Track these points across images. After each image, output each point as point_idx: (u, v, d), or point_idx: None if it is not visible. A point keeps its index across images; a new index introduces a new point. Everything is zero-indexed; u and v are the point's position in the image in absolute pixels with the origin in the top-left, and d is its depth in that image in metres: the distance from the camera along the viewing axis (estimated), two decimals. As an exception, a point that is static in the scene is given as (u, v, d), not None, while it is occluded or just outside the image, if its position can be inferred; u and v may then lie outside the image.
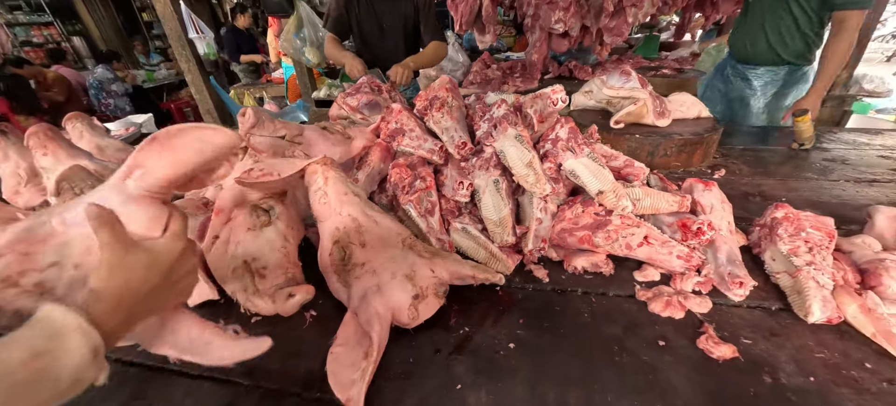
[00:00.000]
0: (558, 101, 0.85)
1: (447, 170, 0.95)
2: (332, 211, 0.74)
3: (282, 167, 0.76)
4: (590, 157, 0.83)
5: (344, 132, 1.01)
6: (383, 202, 0.97)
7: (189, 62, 2.01)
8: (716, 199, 0.85)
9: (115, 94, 5.56)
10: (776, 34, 1.79)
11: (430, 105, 1.03)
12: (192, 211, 0.90)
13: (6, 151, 1.20)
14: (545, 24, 2.69)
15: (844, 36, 1.58)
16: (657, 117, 1.38)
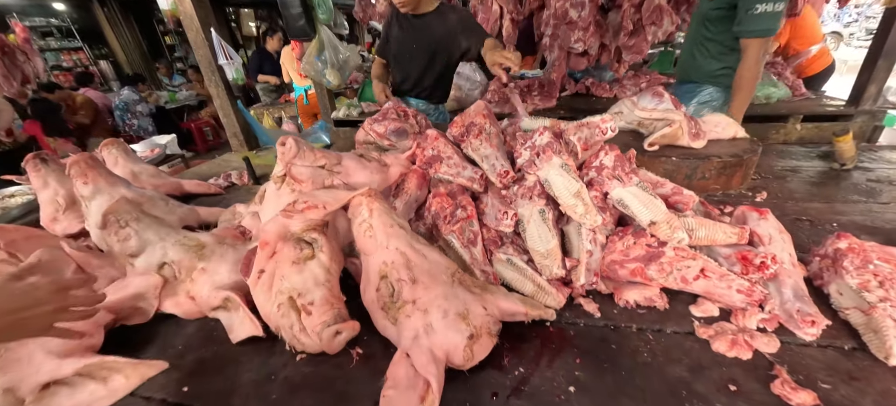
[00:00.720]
0: (607, 130, 0.83)
1: (487, 198, 0.93)
2: (379, 245, 0.72)
3: (326, 200, 0.75)
4: (639, 186, 0.80)
5: (380, 159, 1.00)
6: (421, 230, 0.96)
7: (218, 87, 2.06)
8: (773, 228, 0.81)
9: (140, 115, 5.75)
10: (693, 56, 1.87)
11: (467, 131, 1.02)
12: (231, 241, 0.90)
13: (46, 179, 1.23)
14: (564, 43, 2.70)
15: (747, 62, 1.62)
16: (692, 139, 1.35)
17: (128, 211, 0.81)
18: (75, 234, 1.19)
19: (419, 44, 1.98)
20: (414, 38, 1.98)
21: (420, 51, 1.99)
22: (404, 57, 2.05)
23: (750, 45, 1.59)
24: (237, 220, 1.10)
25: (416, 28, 1.96)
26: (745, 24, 1.56)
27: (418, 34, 1.97)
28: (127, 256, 0.81)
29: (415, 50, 2.00)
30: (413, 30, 1.97)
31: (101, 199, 1.08)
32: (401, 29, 2.00)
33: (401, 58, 2.06)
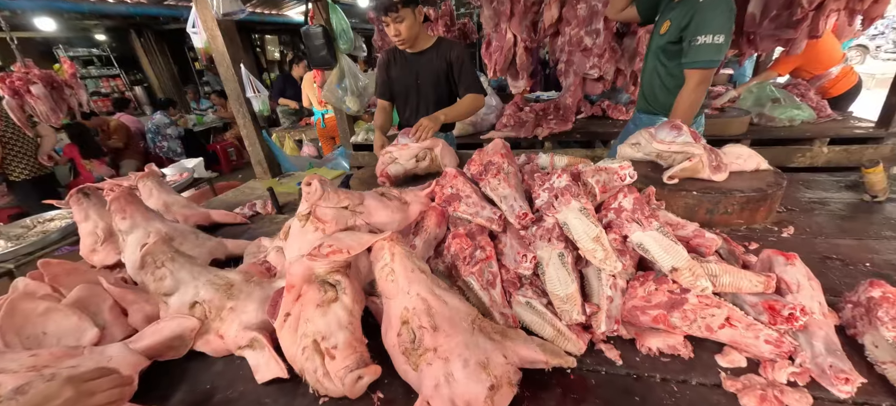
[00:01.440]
0: (626, 177, 0.84)
1: (505, 238, 0.94)
2: (400, 289, 0.74)
3: (350, 244, 0.77)
4: (659, 231, 0.80)
5: (401, 198, 1.03)
6: (440, 268, 0.97)
7: (245, 118, 2.16)
8: (801, 275, 0.79)
9: (170, 137, 6.03)
10: (651, 87, 1.90)
11: (486, 170, 1.04)
12: (257, 279, 0.93)
13: (87, 212, 1.30)
14: (580, 69, 2.72)
15: (685, 91, 1.66)
16: (713, 172, 1.33)
17: (164, 251, 0.85)
18: (112, 266, 1.25)
19: (422, 78, 2.03)
20: (415, 73, 2.03)
21: (423, 85, 2.03)
22: (407, 93, 2.09)
23: (690, 76, 1.63)
24: (262, 254, 1.14)
25: (415, 63, 2.01)
26: (688, 55, 1.60)
27: (419, 69, 2.02)
28: (161, 295, 0.85)
29: (418, 85, 2.04)
30: (413, 65, 2.02)
31: (137, 234, 1.14)
32: (400, 67, 2.05)
33: (404, 94, 2.11)
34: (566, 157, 1.21)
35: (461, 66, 1.97)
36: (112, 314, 0.95)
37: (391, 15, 1.76)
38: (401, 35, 1.83)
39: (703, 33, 1.52)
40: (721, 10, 1.51)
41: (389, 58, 2.09)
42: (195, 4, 1.87)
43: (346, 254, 0.75)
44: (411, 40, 1.89)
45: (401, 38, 1.85)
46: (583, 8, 2.56)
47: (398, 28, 1.80)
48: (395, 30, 1.81)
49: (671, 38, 1.67)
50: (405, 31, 1.81)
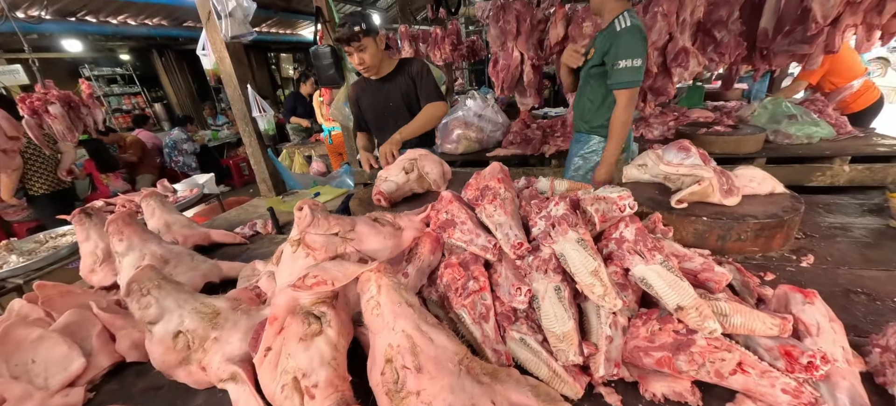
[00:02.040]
0: (625, 207, 0.80)
1: (501, 267, 0.90)
2: (385, 324, 0.71)
3: (336, 274, 0.74)
4: (663, 265, 0.75)
5: (395, 223, 1.00)
6: (433, 297, 0.93)
7: (251, 137, 2.19)
8: (822, 315, 0.73)
9: (185, 153, 6.19)
10: (580, 106, 2.10)
11: (482, 195, 1.00)
12: (245, 307, 0.91)
13: (88, 232, 1.31)
14: (587, 87, 2.69)
15: (616, 111, 1.86)
16: (724, 196, 1.27)
17: (150, 278, 0.84)
18: (109, 286, 1.25)
19: (393, 101, 2.06)
20: (385, 98, 2.07)
21: (396, 107, 2.07)
22: (382, 120, 2.12)
23: (618, 96, 1.84)
24: (255, 279, 1.12)
25: (384, 89, 2.05)
26: (612, 77, 1.82)
27: (388, 93, 2.05)
28: (146, 323, 0.83)
29: (390, 108, 2.08)
30: (382, 92, 2.05)
31: (133, 256, 1.14)
32: (370, 96, 2.09)
33: (379, 121, 2.14)
34: (566, 181, 1.17)
35: (423, 79, 2.01)
36: (100, 340, 0.93)
37: (354, 44, 1.81)
38: (365, 63, 1.88)
39: (622, 58, 1.76)
40: (636, 38, 1.75)
41: (358, 90, 2.13)
42: (205, 27, 1.92)
43: (331, 285, 0.73)
44: (375, 67, 1.94)
45: (365, 66, 1.90)
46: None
47: (362, 57, 1.85)
48: (359, 58, 1.86)
49: (595, 62, 1.91)
50: (369, 59, 1.87)
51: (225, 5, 1.75)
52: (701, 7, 2.59)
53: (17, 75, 4.91)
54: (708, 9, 2.72)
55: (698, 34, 2.84)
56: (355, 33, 1.78)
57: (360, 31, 1.78)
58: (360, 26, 1.78)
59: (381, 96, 2.06)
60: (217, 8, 1.77)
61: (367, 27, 1.80)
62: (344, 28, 1.79)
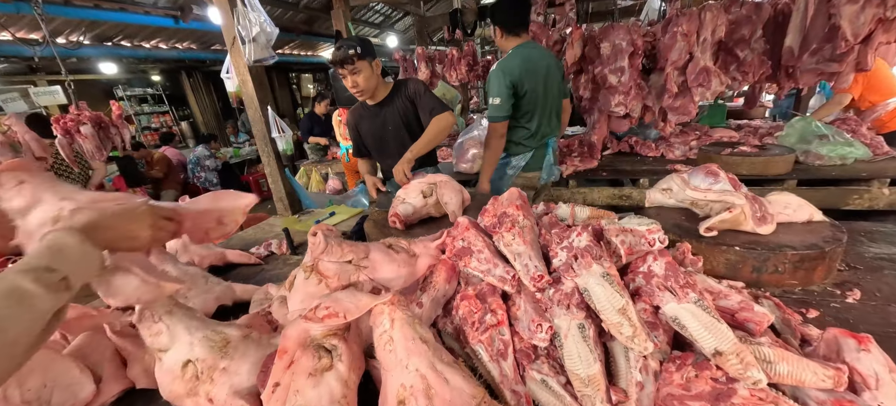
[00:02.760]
0: (655, 242, 0.75)
1: (519, 299, 0.85)
2: (398, 361, 0.67)
3: (348, 307, 0.72)
4: (698, 304, 0.69)
5: (409, 250, 0.98)
6: (448, 330, 0.89)
7: (269, 157, 2.22)
8: (880, 365, 0.66)
9: (208, 169, 6.38)
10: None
11: (499, 223, 0.97)
12: (256, 335, 0.89)
13: (109, 251, 1.33)
14: (605, 106, 2.65)
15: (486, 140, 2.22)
16: (758, 223, 1.19)
17: (162, 304, 0.83)
18: (125, 307, 1.26)
19: (392, 125, 2.05)
20: (384, 122, 2.06)
21: (395, 131, 2.06)
22: (382, 144, 2.12)
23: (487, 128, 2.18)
24: (267, 303, 1.10)
25: (381, 114, 2.04)
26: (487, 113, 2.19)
27: (386, 119, 2.05)
28: (156, 350, 0.82)
29: (390, 132, 2.07)
30: (379, 116, 2.05)
31: (148, 278, 1.14)
32: (368, 121, 2.09)
33: (379, 146, 2.14)
34: (588, 208, 1.12)
35: (421, 97, 1.98)
36: (112, 365, 0.93)
37: (348, 67, 1.81)
38: (358, 86, 1.88)
39: (490, 96, 2.09)
40: (494, 78, 2.06)
41: (357, 117, 2.14)
42: (230, 52, 1.99)
43: (343, 319, 0.70)
44: (370, 91, 1.94)
45: (358, 89, 1.89)
46: (606, 47, 2.52)
47: (355, 80, 1.85)
48: (353, 81, 1.86)
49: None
50: (362, 83, 1.87)
51: (249, 31, 1.81)
52: (722, 26, 2.54)
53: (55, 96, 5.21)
54: (730, 28, 2.66)
55: (720, 53, 2.77)
56: (350, 56, 1.79)
57: (354, 54, 1.79)
58: (355, 50, 1.80)
59: (378, 121, 2.05)
60: (242, 33, 1.83)
61: (361, 51, 1.82)
62: (340, 51, 1.81)
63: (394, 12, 7.98)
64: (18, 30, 4.21)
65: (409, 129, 2.05)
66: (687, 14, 2.49)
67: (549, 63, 2.15)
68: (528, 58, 2.07)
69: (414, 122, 2.05)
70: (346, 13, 2.87)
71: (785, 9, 2.90)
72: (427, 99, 1.96)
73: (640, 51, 2.51)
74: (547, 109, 2.21)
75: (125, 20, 4.77)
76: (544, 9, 3.83)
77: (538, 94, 2.12)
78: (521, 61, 2.05)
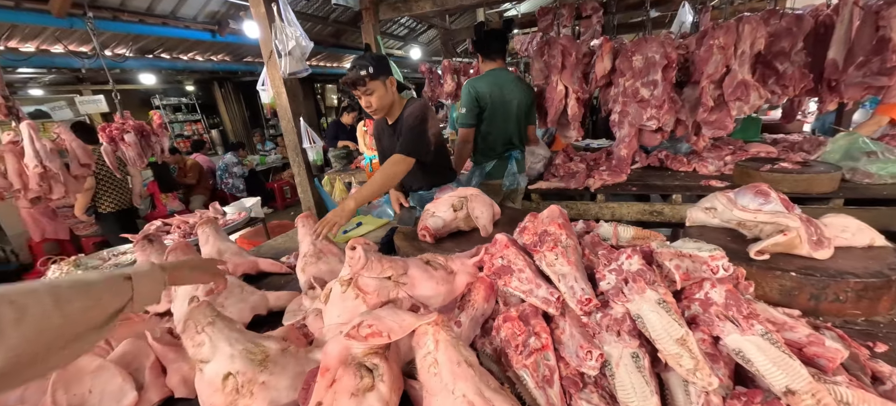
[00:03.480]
0: (719, 269, 0.70)
1: (563, 322, 0.82)
2: (444, 386, 0.65)
3: (392, 326, 0.70)
4: (766, 338, 0.64)
5: (447, 266, 0.96)
6: (488, 351, 0.86)
7: (300, 167, 2.27)
8: (978, 413, 0.59)
9: (235, 175, 6.59)
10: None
11: (541, 241, 0.94)
12: (294, 348, 0.88)
13: (148, 257, 1.37)
14: (636, 120, 2.58)
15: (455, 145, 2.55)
16: (814, 247, 1.12)
17: (206, 315, 0.84)
18: (163, 313, 1.29)
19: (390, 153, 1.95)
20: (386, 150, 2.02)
21: None
22: None
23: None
24: (301, 315, 1.10)
25: (394, 134, 1.96)
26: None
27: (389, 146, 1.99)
28: (198, 361, 0.82)
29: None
30: (394, 137, 1.97)
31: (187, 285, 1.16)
32: (387, 139, 2.02)
33: None
34: (631, 228, 1.07)
35: (404, 128, 1.83)
36: (152, 373, 0.94)
37: (360, 88, 1.77)
38: (372, 106, 1.83)
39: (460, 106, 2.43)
40: (464, 92, 2.41)
41: (379, 130, 2.10)
42: (266, 65, 2.05)
43: (387, 338, 0.68)
44: (384, 110, 1.88)
45: (372, 109, 1.85)
46: (638, 59, 2.47)
47: (369, 100, 1.80)
48: (366, 101, 1.81)
49: None
50: (376, 102, 1.81)
51: (285, 45, 1.86)
52: (762, 39, 2.45)
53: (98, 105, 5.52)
54: (769, 40, 2.56)
55: (758, 66, 2.67)
56: (361, 77, 1.74)
57: (367, 75, 1.74)
58: (367, 70, 1.74)
59: (393, 142, 1.98)
60: (278, 47, 1.89)
61: (374, 70, 1.75)
62: (352, 71, 1.76)
63: (418, 25, 8.12)
64: (70, 43, 4.50)
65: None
66: (724, 26, 2.42)
67: (515, 88, 2.46)
68: (495, 80, 2.42)
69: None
70: (375, 27, 2.93)
71: (827, 20, 2.78)
72: (407, 134, 1.80)
73: (675, 64, 2.45)
74: (508, 126, 2.51)
75: (167, 34, 5.03)
76: (571, 22, 3.80)
77: (498, 111, 2.44)
78: (488, 81, 2.41)
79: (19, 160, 1.98)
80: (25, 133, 1.98)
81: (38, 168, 1.97)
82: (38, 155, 1.97)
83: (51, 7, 3.39)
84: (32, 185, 2.00)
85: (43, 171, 1.99)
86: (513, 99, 2.44)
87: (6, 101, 2.00)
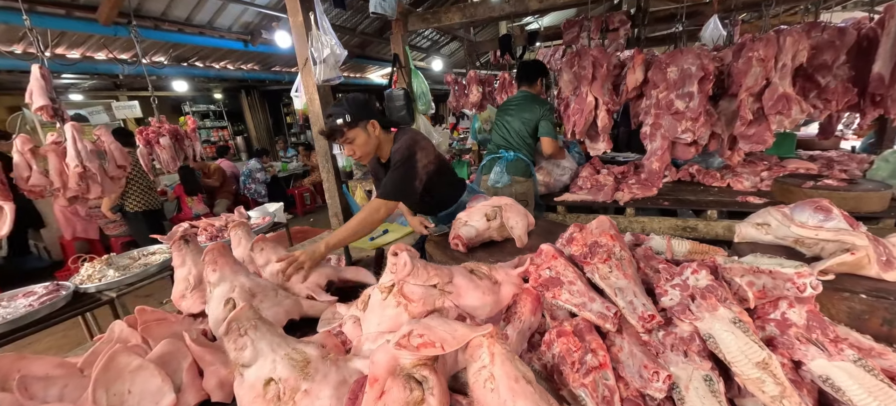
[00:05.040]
0: (807, 288, 0.65)
1: (621, 340, 0.77)
2: (502, 403, 0.61)
3: (444, 337, 0.67)
4: (860, 365, 0.58)
5: (491, 276, 0.92)
6: (536, 366, 0.82)
7: (329, 173, 2.28)
8: None
9: (258, 181, 6.73)
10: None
11: (591, 253, 0.89)
12: (334, 356, 0.86)
13: (184, 257, 1.38)
14: (669, 133, 2.51)
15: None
16: (883, 268, 1.03)
17: (249, 318, 0.82)
18: (197, 314, 1.29)
19: None
20: None
21: None
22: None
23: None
24: (336, 323, 1.08)
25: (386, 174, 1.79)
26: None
27: None
28: (240, 365, 0.80)
29: None
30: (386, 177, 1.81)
31: (223, 287, 1.16)
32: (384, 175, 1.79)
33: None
34: (687, 242, 1.02)
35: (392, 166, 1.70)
36: (189, 375, 0.92)
37: (339, 139, 1.65)
38: (356, 154, 1.70)
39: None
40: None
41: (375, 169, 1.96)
42: (301, 72, 2.08)
43: (441, 349, 0.65)
44: (369, 155, 1.76)
45: (357, 156, 1.72)
46: (673, 71, 2.41)
47: (351, 148, 1.67)
48: (350, 150, 1.68)
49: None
50: (359, 150, 1.68)
51: (321, 52, 1.89)
52: (804, 51, 2.35)
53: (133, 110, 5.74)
54: (810, 53, 2.47)
55: (798, 79, 2.57)
56: (338, 127, 1.61)
57: (344, 124, 1.61)
58: (343, 119, 1.61)
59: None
60: (314, 54, 1.92)
61: (351, 119, 1.61)
62: (328, 121, 1.64)
63: (441, 37, 8.22)
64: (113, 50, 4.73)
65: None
66: (764, 38, 2.34)
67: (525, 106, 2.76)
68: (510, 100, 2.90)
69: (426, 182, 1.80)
70: (404, 38, 2.96)
71: (870, 34, 2.67)
72: (390, 175, 1.68)
73: (711, 76, 2.37)
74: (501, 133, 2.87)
75: (202, 43, 5.24)
76: (597, 35, 3.77)
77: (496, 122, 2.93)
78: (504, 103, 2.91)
79: (61, 160, 2.05)
80: (69, 134, 2.06)
81: (78, 168, 2.03)
82: (79, 155, 2.04)
83: (98, 15, 3.57)
84: (72, 184, 2.06)
85: (82, 171, 2.05)
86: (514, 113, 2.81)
87: (53, 104, 2.08)
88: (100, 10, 3.46)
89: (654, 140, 2.62)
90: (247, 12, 5.07)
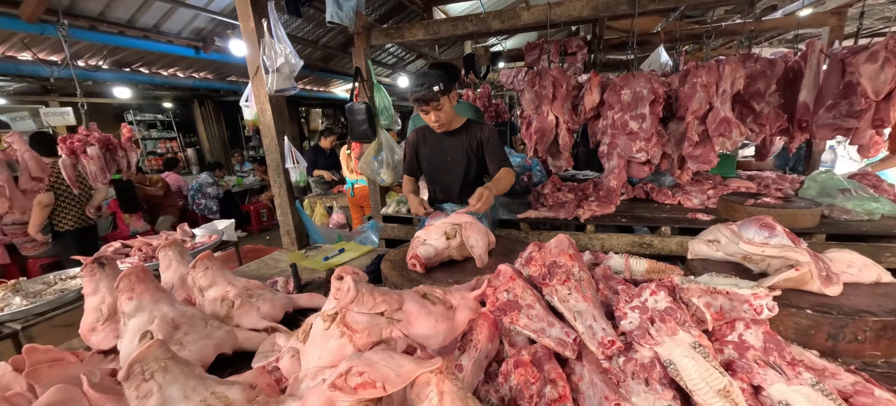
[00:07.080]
0: (763, 310, 0.63)
1: (581, 368, 0.72)
2: (450, 452, 0.53)
3: (387, 375, 0.58)
4: (818, 389, 0.56)
5: (446, 300, 0.85)
6: (493, 400, 0.75)
7: (281, 188, 2.13)
8: None
9: (209, 196, 6.30)
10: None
11: (550, 273, 0.85)
12: (263, 398, 0.74)
13: (98, 284, 1.19)
14: (625, 152, 2.60)
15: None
16: (824, 284, 1.07)
17: (156, 359, 0.69)
18: (107, 351, 1.11)
19: (452, 157, 2.07)
20: (444, 152, 2.08)
21: (452, 163, 2.08)
22: (436, 171, 2.14)
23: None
24: (275, 356, 0.95)
25: (445, 143, 2.07)
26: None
27: (447, 148, 2.07)
28: (143, 415, 0.67)
29: (449, 162, 2.08)
30: (443, 145, 2.08)
31: (140, 318, 1.00)
32: (430, 146, 2.11)
33: (432, 172, 2.16)
34: (645, 261, 1.01)
35: (492, 145, 2.03)
36: (85, 429, 0.77)
37: (432, 104, 1.82)
38: (440, 121, 1.90)
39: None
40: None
41: (419, 137, 2.16)
42: (252, 81, 1.95)
43: (382, 390, 0.56)
44: (448, 125, 1.97)
45: (440, 123, 1.92)
46: (627, 93, 2.51)
47: (438, 115, 1.87)
48: (435, 117, 1.88)
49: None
50: (444, 117, 1.88)
51: (274, 61, 1.78)
52: (741, 79, 2.55)
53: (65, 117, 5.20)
54: (746, 81, 2.68)
55: (736, 105, 2.78)
56: (435, 94, 1.79)
57: (440, 91, 1.79)
58: (439, 86, 1.79)
59: (440, 149, 2.09)
60: (266, 63, 1.81)
61: (444, 87, 1.81)
62: (422, 89, 1.80)
63: (407, 54, 8.25)
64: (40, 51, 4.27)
65: (467, 168, 2.08)
66: (706, 66, 2.51)
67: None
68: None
69: (474, 162, 2.08)
70: (366, 52, 2.89)
71: (795, 66, 2.95)
72: (497, 148, 2.02)
73: (661, 99, 2.50)
74: None
75: (147, 48, 4.86)
76: (557, 58, 3.92)
77: None
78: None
79: (-41, 171, 1.77)
80: (-31, 141, 1.78)
81: (-22, 180, 1.76)
82: (-19, 165, 1.77)
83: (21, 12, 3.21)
84: (-30, 198, 1.78)
85: (-16, 184, 1.78)
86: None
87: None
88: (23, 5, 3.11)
89: (610, 159, 2.71)
90: (199, 18, 4.80)
